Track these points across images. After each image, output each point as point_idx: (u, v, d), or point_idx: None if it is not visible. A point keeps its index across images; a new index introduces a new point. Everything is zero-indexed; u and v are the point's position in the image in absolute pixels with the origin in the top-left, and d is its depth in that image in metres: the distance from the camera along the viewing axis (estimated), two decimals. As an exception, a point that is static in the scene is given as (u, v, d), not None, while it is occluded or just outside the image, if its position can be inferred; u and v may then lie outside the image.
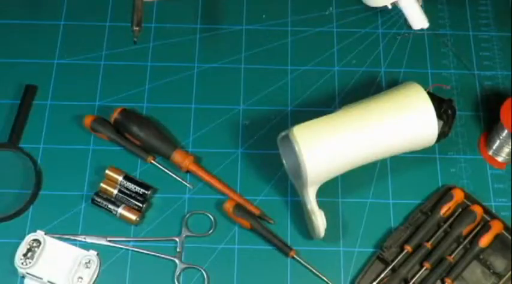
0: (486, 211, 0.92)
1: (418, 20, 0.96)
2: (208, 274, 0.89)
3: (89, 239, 0.90)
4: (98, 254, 0.88)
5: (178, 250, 0.90)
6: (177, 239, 0.91)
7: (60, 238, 0.90)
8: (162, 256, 0.89)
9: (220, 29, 1.06)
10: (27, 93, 0.99)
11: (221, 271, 0.89)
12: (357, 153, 0.88)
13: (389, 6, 0.96)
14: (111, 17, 1.07)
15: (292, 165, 0.92)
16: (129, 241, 0.91)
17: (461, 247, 0.90)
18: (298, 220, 0.92)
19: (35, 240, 0.88)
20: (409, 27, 1.04)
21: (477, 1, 1.10)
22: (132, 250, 0.90)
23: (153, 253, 0.90)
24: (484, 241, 0.89)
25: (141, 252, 0.90)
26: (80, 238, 0.90)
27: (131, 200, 0.92)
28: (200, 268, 0.89)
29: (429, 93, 0.90)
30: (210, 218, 0.92)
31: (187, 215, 0.92)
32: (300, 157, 0.85)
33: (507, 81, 1.03)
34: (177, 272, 0.89)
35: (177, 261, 0.89)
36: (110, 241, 0.90)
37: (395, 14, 1.08)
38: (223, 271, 0.89)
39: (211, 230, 0.91)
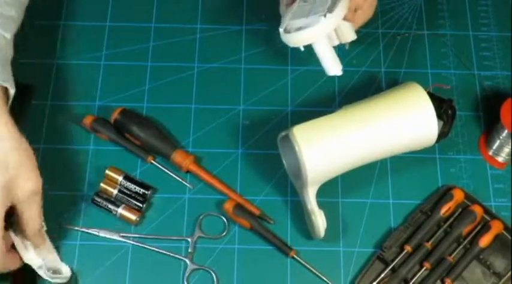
0: (486, 211, 0.92)
1: (332, 67, 0.89)
2: (218, 276, 0.89)
3: (102, 234, 0.90)
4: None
5: (190, 250, 0.90)
6: (189, 240, 0.90)
7: (72, 230, 0.90)
8: (176, 256, 0.89)
9: (220, 29, 1.06)
10: (27, 93, 0.99)
11: (221, 271, 0.89)
12: (357, 153, 0.88)
13: (302, 49, 0.89)
14: (111, 17, 1.07)
15: (292, 165, 0.92)
16: (140, 237, 0.90)
17: (461, 247, 0.90)
18: (298, 220, 0.92)
19: None
20: (409, 27, 1.04)
21: (477, 1, 1.10)
22: (141, 247, 0.90)
23: (164, 252, 0.89)
24: (484, 241, 0.89)
25: (152, 250, 0.90)
26: (93, 231, 0.90)
27: (131, 200, 0.92)
28: (210, 270, 0.89)
29: (429, 93, 0.90)
30: (223, 221, 0.92)
31: (202, 216, 0.92)
32: (300, 157, 0.85)
33: (507, 81, 1.03)
34: (187, 273, 0.88)
35: (187, 261, 0.89)
36: (122, 236, 0.90)
37: (395, 14, 1.08)
38: (223, 271, 0.89)
39: (224, 233, 0.91)
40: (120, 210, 0.91)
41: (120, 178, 0.93)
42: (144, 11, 1.07)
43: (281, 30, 0.90)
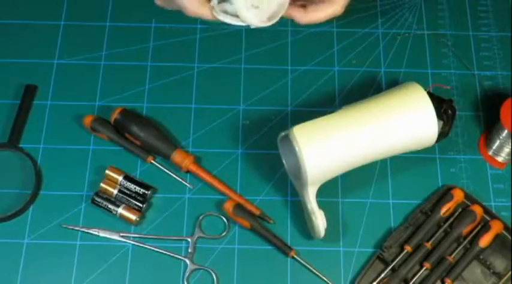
0: (486, 211, 0.92)
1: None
2: (218, 276, 0.89)
3: (102, 233, 0.90)
4: None
5: (190, 250, 0.90)
6: (189, 240, 0.90)
7: (72, 230, 0.91)
8: (176, 256, 0.89)
9: (220, 29, 1.06)
10: (27, 93, 0.99)
11: (221, 271, 0.89)
12: (357, 153, 0.88)
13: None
14: (111, 17, 1.07)
15: (292, 165, 0.92)
16: (140, 237, 0.91)
17: (461, 247, 0.90)
18: (298, 220, 0.92)
19: None
20: (409, 27, 1.04)
21: (477, 1, 1.10)
22: (141, 247, 0.90)
23: (164, 252, 0.90)
24: (484, 241, 0.89)
25: (152, 250, 0.90)
26: (93, 231, 0.90)
27: (131, 200, 0.92)
28: (210, 270, 0.89)
29: (429, 93, 0.90)
30: (223, 221, 0.92)
31: (202, 216, 0.92)
32: (300, 157, 0.85)
33: (507, 81, 1.03)
34: (187, 273, 0.88)
35: (187, 261, 0.89)
36: (122, 236, 0.90)
37: (395, 14, 1.08)
38: (223, 271, 0.89)
39: (224, 233, 0.91)
40: (120, 210, 0.91)
41: (120, 178, 0.93)
42: (144, 11, 1.07)
43: None
